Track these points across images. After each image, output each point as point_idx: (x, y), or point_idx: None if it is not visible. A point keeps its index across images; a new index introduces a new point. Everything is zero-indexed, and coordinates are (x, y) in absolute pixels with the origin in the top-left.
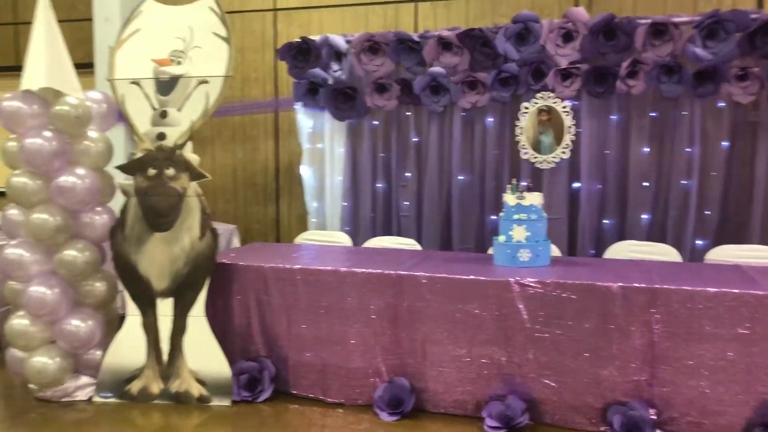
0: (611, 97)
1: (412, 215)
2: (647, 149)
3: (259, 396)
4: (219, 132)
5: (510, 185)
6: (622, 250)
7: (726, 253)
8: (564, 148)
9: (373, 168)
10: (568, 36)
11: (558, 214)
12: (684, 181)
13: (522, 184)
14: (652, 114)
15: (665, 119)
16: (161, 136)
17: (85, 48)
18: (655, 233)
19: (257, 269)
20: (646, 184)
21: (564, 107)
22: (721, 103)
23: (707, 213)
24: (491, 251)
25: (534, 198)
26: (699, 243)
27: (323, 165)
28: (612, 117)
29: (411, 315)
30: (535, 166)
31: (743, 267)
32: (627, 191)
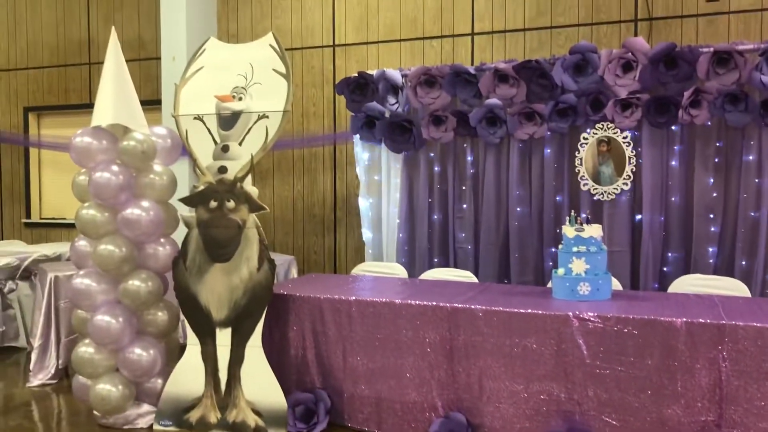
0: (673, 128)
1: (469, 247)
2: (712, 180)
3: (314, 428)
4: (279, 164)
5: (569, 217)
6: (686, 284)
7: None
8: (625, 179)
9: (429, 199)
10: (627, 66)
11: (619, 246)
12: (753, 213)
13: (581, 215)
14: (717, 144)
15: (732, 149)
16: (222, 169)
17: (153, 85)
18: (723, 267)
19: (313, 300)
20: (712, 216)
21: (624, 138)
22: None
23: None
24: (550, 285)
25: (593, 230)
26: None
27: (380, 196)
28: (674, 147)
29: (467, 349)
30: (595, 197)
31: None
32: (692, 223)
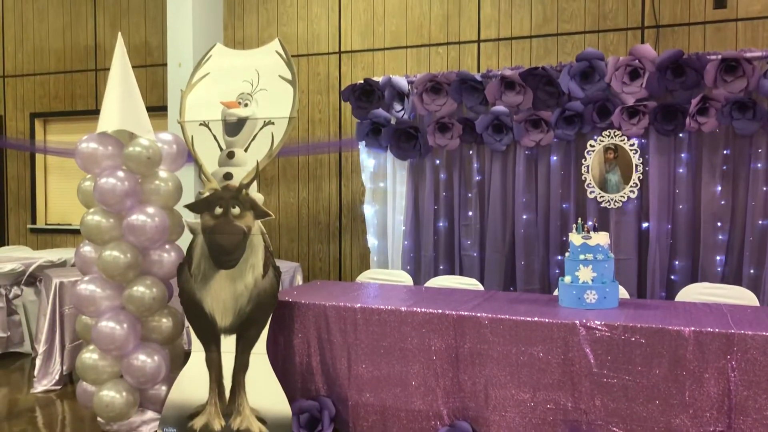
0: (680, 135)
1: (474, 255)
2: (719, 188)
3: None
4: (284, 171)
5: (575, 224)
6: (694, 292)
7: None
8: (632, 186)
9: (435, 207)
10: (634, 73)
11: (626, 254)
12: (761, 221)
13: (588, 223)
14: (725, 152)
15: (739, 157)
16: (228, 175)
17: (159, 92)
18: (730, 275)
19: (318, 307)
20: (719, 224)
21: (631, 145)
22: None
23: None
24: (556, 293)
25: (600, 238)
26: None
27: (385, 204)
28: (682, 155)
29: (473, 357)
30: (602, 205)
31: None
32: (699, 231)
